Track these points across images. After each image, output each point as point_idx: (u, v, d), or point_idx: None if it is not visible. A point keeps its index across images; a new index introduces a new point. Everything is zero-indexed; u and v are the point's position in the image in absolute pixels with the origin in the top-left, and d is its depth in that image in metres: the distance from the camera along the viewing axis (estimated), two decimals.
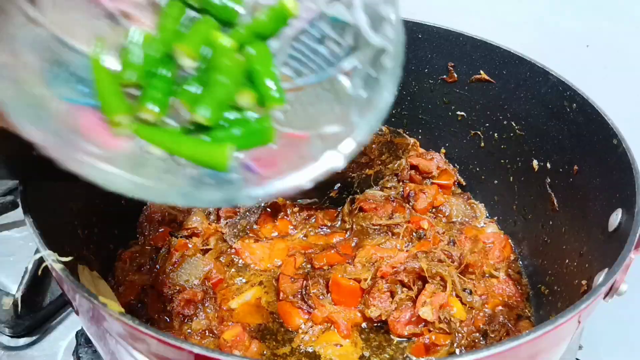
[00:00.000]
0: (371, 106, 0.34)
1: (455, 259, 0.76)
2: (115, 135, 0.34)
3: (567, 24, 0.93)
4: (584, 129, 0.69)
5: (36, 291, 0.79)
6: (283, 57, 0.40)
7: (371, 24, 0.35)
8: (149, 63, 0.35)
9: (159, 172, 0.33)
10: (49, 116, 0.31)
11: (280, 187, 0.31)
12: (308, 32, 0.39)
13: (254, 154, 0.36)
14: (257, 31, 0.37)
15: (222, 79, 0.34)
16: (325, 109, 0.38)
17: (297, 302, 0.73)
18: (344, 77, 0.37)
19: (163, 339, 0.40)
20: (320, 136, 0.36)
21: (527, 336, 0.42)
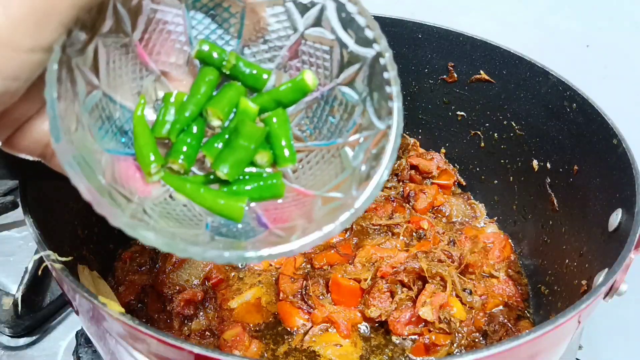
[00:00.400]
0: (369, 182, 0.38)
1: (455, 259, 0.76)
2: (147, 181, 0.39)
3: (567, 24, 0.93)
4: (584, 129, 0.69)
5: (36, 291, 0.79)
6: (297, 120, 0.45)
7: (376, 110, 0.40)
8: (181, 121, 0.40)
9: (180, 223, 0.38)
10: (98, 169, 0.35)
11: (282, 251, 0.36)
12: (322, 102, 0.44)
13: (264, 205, 0.41)
14: (278, 99, 0.42)
15: (244, 143, 0.40)
16: (330, 173, 0.42)
17: (297, 302, 0.73)
18: (349, 148, 0.42)
19: (163, 339, 0.40)
20: (323, 198, 0.41)
21: (527, 336, 0.42)
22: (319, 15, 0.41)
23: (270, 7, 0.42)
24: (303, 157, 0.44)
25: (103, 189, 0.34)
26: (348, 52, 0.41)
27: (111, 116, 0.39)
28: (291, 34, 0.43)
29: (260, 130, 0.41)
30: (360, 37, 0.40)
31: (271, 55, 0.44)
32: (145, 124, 0.40)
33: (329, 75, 0.43)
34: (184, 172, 0.40)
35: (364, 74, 0.41)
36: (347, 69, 0.42)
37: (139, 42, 0.40)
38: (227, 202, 0.39)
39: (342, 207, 0.38)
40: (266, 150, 0.42)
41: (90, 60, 0.36)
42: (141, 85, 0.42)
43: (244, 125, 0.40)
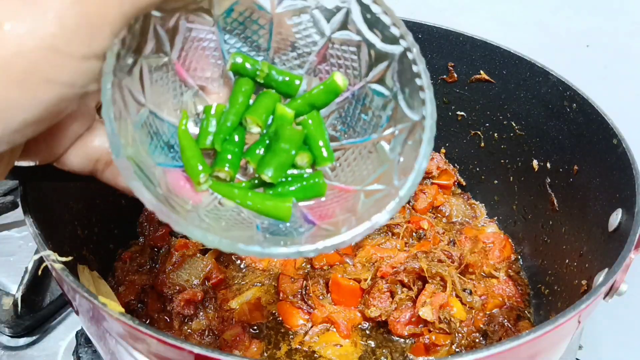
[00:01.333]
0: (409, 171, 0.39)
1: (455, 259, 0.76)
2: (197, 191, 0.41)
3: (567, 24, 0.93)
4: (584, 129, 0.69)
5: (36, 291, 0.79)
6: (332, 120, 0.47)
7: (408, 103, 0.41)
8: (223, 131, 0.42)
9: (234, 226, 0.40)
10: (155, 182, 0.37)
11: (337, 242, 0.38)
12: (353, 101, 0.45)
13: (309, 204, 0.43)
14: (311, 102, 0.44)
15: (285, 146, 0.42)
16: (368, 167, 0.44)
17: (297, 302, 0.73)
18: (384, 142, 0.43)
19: (163, 339, 0.40)
20: (365, 192, 0.42)
21: (527, 336, 0.42)
22: (345, 19, 0.42)
23: (297, 15, 0.43)
24: (340, 155, 0.46)
25: (163, 199, 0.36)
26: (375, 51, 0.42)
27: (158, 132, 0.41)
28: (318, 39, 0.44)
29: (299, 133, 0.43)
30: (386, 36, 0.41)
31: (300, 62, 0.46)
32: (189, 136, 0.42)
33: (358, 74, 0.44)
34: (229, 179, 0.42)
35: (393, 70, 0.42)
36: (375, 67, 0.43)
37: (177, 61, 0.42)
38: (274, 203, 0.41)
39: (385, 197, 0.40)
40: (305, 152, 0.43)
41: (137, 80, 0.38)
42: (182, 101, 0.44)
43: (283, 129, 0.42)
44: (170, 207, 0.36)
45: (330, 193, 0.44)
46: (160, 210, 0.35)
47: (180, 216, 0.36)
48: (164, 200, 0.36)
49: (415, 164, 0.39)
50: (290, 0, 0.43)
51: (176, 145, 0.42)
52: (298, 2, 0.43)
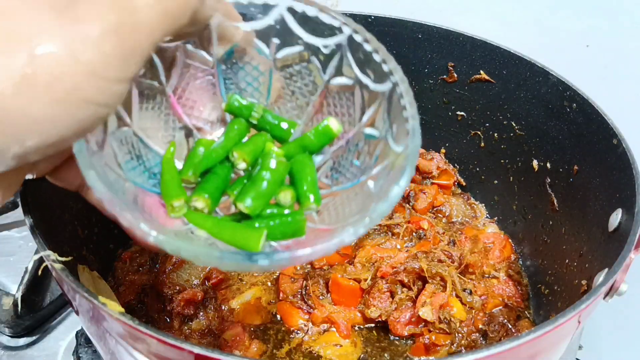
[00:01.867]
0: (386, 197, 0.38)
1: (455, 259, 0.76)
2: (170, 217, 0.40)
3: (567, 24, 0.93)
4: (584, 129, 0.69)
5: (36, 291, 0.79)
6: (325, 169, 0.46)
7: (395, 137, 0.41)
8: (207, 162, 0.42)
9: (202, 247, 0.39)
10: (121, 190, 0.37)
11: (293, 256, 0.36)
12: (347, 148, 0.45)
13: (285, 243, 0.41)
14: (304, 146, 0.44)
15: (267, 176, 0.41)
16: (352, 207, 0.43)
17: (297, 302, 0.73)
18: (371, 181, 0.43)
19: (163, 339, 0.40)
20: (343, 226, 0.41)
21: (527, 336, 0.42)
22: (340, 63, 0.43)
23: (297, 63, 0.44)
24: (329, 201, 0.45)
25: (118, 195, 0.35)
26: (368, 92, 0.43)
27: (141, 156, 0.42)
28: (316, 88, 0.45)
29: (283, 164, 0.42)
30: (377, 74, 0.42)
31: (298, 112, 0.47)
32: (173, 165, 0.42)
33: (352, 120, 0.45)
34: (207, 211, 0.41)
35: (383, 109, 0.42)
36: (368, 110, 0.43)
37: (172, 94, 0.43)
38: (245, 232, 0.39)
39: (357, 221, 0.39)
40: (289, 189, 0.42)
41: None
42: (173, 136, 0.44)
43: (267, 159, 0.42)
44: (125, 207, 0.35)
45: (310, 233, 0.42)
46: (109, 201, 0.33)
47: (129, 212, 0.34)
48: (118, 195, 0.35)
49: (392, 191, 0.38)
50: (288, 48, 0.43)
51: (159, 174, 0.42)
52: (296, 47, 0.43)
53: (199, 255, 0.34)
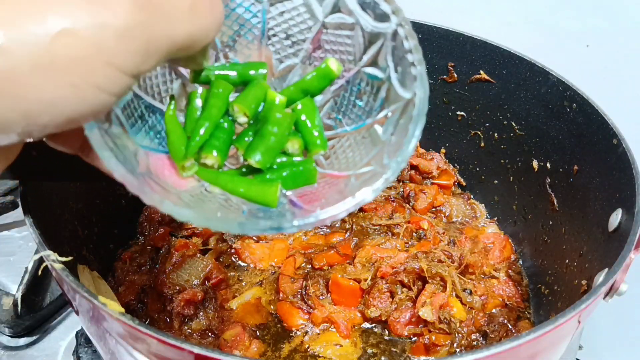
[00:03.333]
0: (399, 148, 0.39)
1: (455, 259, 0.76)
2: (182, 177, 0.40)
3: (567, 24, 0.93)
4: (584, 129, 0.69)
5: (36, 291, 0.79)
6: (327, 109, 0.46)
7: (401, 81, 0.41)
8: (210, 118, 0.41)
9: (218, 207, 0.39)
10: (130, 157, 0.36)
11: (320, 218, 0.37)
12: (348, 88, 0.45)
13: (299, 192, 0.42)
14: (305, 89, 0.43)
15: (274, 130, 0.40)
16: (361, 152, 0.43)
17: (297, 302, 0.73)
18: (378, 125, 0.43)
19: (163, 339, 0.40)
20: (356, 175, 0.41)
21: (527, 336, 0.42)
22: (336, 1, 0.42)
23: (290, 0, 0.43)
24: (335, 143, 0.45)
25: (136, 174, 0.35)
26: (368, 32, 0.42)
27: (143, 116, 0.41)
28: (312, 25, 0.44)
29: (288, 115, 0.42)
30: (378, 14, 0.41)
31: (295, 50, 0.46)
32: (176, 121, 0.41)
33: (352, 59, 0.44)
34: (217, 166, 0.41)
35: (386, 50, 0.41)
36: (369, 49, 0.42)
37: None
38: (260, 188, 0.40)
39: (373, 176, 0.39)
40: (296, 138, 0.42)
41: None
42: (171, 88, 0.44)
43: (272, 112, 0.41)
44: (144, 181, 0.35)
45: (321, 180, 0.43)
46: (130, 182, 0.34)
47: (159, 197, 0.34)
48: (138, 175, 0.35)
49: (404, 141, 0.38)
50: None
51: (164, 132, 0.42)
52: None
53: (219, 227, 0.35)
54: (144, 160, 0.38)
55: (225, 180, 0.40)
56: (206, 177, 0.40)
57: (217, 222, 0.35)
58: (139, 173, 0.36)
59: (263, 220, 0.36)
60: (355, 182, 0.41)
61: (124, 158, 0.35)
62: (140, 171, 0.36)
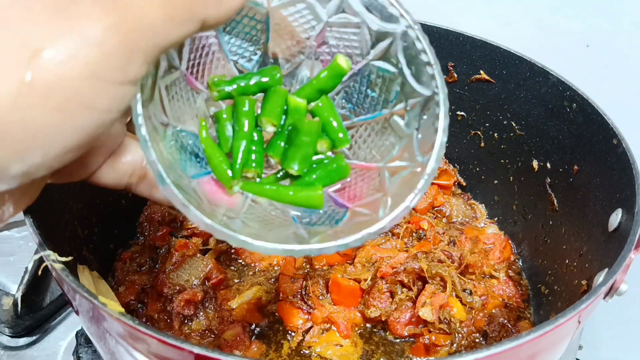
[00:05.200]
0: (431, 146, 0.40)
1: (455, 259, 0.76)
2: (230, 194, 0.42)
3: (567, 24, 0.93)
4: (584, 129, 0.69)
5: (36, 291, 0.79)
6: (339, 100, 0.47)
7: (416, 77, 0.42)
8: (244, 136, 0.43)
9: (273, 224, 0.41)
10: (198, 198, 0.38)
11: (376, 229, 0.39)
12: (358, 79, 0.46)
13: (336, 187, 0.45)
14: (319, 88, 0.45)
15: (306, 139, 0.43)
16: (385, 143, 0.44)
17: (297, 302, 0.73)
18: (398, 117, 0.44)
19: (163, 339, 0.40)
20: (388, 169, 0.43)
21: (527, 336, 0.42)
22: (341, 3, 0.43)
23: (292, 5, 0.44)
24: (353, 132, 0.46)
25: (211, 215, 0.36)
26: (375, 31, 0.42)
27: (183, 145, 0.42)
28: (315, 25, 0.44)
29: (317, 124, 0.44)
30: (385, 15, 0.41)
31: (300, 48, 0.46)
32: (213, 143, 0.43)
33: (359, 53, 0.45)
34: (257, 177, 0.43)
35: (396, 47, 0.42)
36: (377, 46, 0.43)
37: (186, 71, 0.43)
38: (305, 193, 0.43)
39: (412, 175, 0.41)
40: (324, 138, 0.45)
41: (158, 103, 0.39)
42: (197, 108, 0.44)
43: (301, 122, 0.43)
44: (218, 221, 0.36)
45: (352, 172, 0.45)
46: (213, 229, 0.35)
47: (230, 229, 0.36)
48: (213, 216, 0.37)
49: (435, 138, 0.40)
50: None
51: (200, 152, 0.43)
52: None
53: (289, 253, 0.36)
54: (201, 193, 0.39)
55: (271, 191, 0.43)
56: (252, 190, 0.43)
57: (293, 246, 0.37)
58: (208, 209, 0.37)
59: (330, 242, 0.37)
60: (392, 179, 0.42)
61: (196, 203, 0.36)
62: (207, 207, 0.37)
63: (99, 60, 0.28)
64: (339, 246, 0.37)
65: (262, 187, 0.43)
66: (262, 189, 0.43)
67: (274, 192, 0.42)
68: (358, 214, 0.42)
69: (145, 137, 0.34)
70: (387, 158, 0.44)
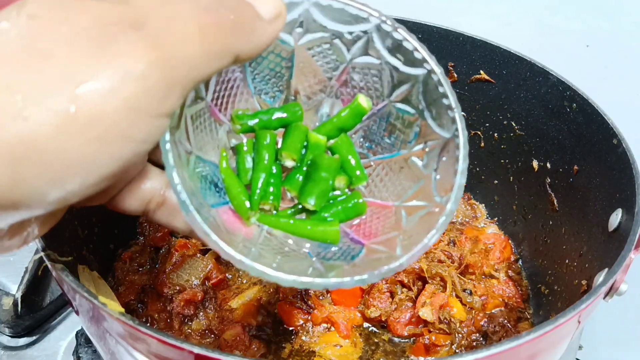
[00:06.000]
0: (449, 187, 0.41)
1: (455, 259, 0.76)
2: (247, 225, 0.42)
3: (567, 24, 0.93)
4: (584, 129, 0.69)
5: (36, 291, 0.79)
6: (356, 138, 0.48)
7: (436, 120, 0.43)
8: (264, 169, 0.44)
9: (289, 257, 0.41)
10: (214, 221, 0.38)
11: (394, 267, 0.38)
12: (377, 119, 0.46)
13: (351, 224, 0.45)
14: (339, 126, 0.46)
15: (325, 175, 0.43)
16: (402, 183, 0.45)
17: (297, 302, 0.73)
18: (416, 158, 0.44)
19: (163, 339, 0.40)
20: (405, 208, 0.44)
21: (527, 336, 0.43)
22: (366, 45, 0.43)
23: (318, 45, 0.44)
24: (370, 171, 0.47)
25: (230, 244, 0.37)
26: (398, 73, 0.43)
27: (204, 174, 0.42)
28: (339, 65, 0.45)
29: (336, 161, 0.45)
30: (408, 59, 0.42)
31: (322, 86, 0.47)
32: (232, 174, 0.43)
33: (380, 94, 0.45)
34: (274, 209, 0.44)
35: (417, 90, 0.43)
36: (399, 88, 0.44)
37: (212, 103, 0.43)
38: (322, 228, 0.43)
39: (430, 214, 0.41)
40: (342, 175, 0.45)
41: (184, 132, 0.39)
42: (218, 139, 0.45)
43: (321, 158, 0.44)
44: (239, 250, 0.37)
45: (369, 210, 0.45)
46: (234, 258, 0.36)
47: (249, 259, 0.36)
48: (234, 244, 0.37)
49: (454, 180, 0.40)
50: (311, 34, 0.43)
51: (219, 183, 0.43)
52: (319, 34, 0.43)
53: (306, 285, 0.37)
54: (220, 222, 0.40)
55: (287, 224, 0.43)
56: (269, 222, 0.43)
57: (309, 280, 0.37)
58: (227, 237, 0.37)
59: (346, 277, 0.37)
60: (409, 218, 0.43)
61: (214, 228, 0.36)
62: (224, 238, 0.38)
63: (139, 94, 0.29)
64: (357, 281, 0.37)
65: (279, 220, 0.43)
66: (278, 221, 0.43)
67: (290, 225, 0.43)
68: (374, 251, 0.42)
69: (171, 164, 0.35)
70: (404, 197, 0.44)
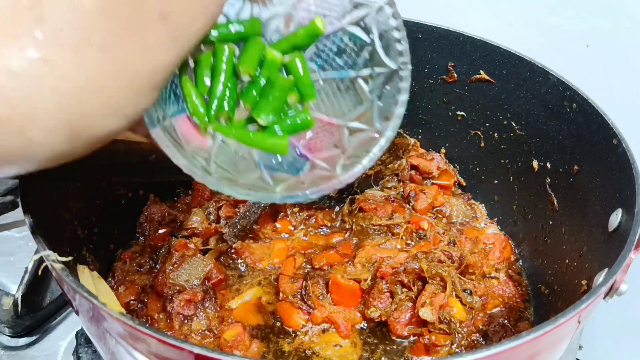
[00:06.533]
0: (389, 115, 0.45)
1: (455, 259, 0.75)
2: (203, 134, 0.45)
3: (567, 24, 0.93)
4: (584, 129, 0.69)
5: (36, 291, 0.79)
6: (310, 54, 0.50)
7: (385, 50, 0.46)
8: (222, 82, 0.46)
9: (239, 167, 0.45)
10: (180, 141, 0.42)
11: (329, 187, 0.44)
12: (330, 39, 0.49)
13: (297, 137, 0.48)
14: (295, 44, 0.48)
15: (279, 94, 0.47)
16: (347, 103, 0.49)
17: (297, 302, 0.73)
18: (362, 81, 0.48)
19: (163, 339, 0.40)
20: (348, 128, 0.47)
21: (527, 336, 0.43)
22: None
23: None
24: (319, 87, 0.50)
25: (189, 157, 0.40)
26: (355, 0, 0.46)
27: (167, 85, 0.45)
28: None
29: (290, 82, 0.48)
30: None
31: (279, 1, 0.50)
32: (191, 84, 0.45)
33: (336, 16, 0.48)
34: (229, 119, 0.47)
35: (371, 19, 0.46)
36: (353, 12, 0.47)
37: None
38: (272, 139, 0.47)
39: (370, 139, 0.45)
40: (294, 92, 0.48)
41: None
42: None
43: (277, 78, 0.47)
44: (198, 166, 0.40)
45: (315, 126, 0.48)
46: (194, 173, 0.39)
47: (208, 174, 0.40)
48: (193, 160, 0.40)
49: (394, 110, 0.45)
50: None
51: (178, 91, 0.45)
52: None
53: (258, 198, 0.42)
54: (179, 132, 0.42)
55: (241, 133, 0.46)
56: (224, 131, 0.46)
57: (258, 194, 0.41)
58: (189, 153, 0.41)
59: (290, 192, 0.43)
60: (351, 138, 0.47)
61: (179, 146, 0.40)
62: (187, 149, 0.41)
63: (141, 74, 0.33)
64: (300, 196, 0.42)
65: (234, 130, 0.46)
66: (233, 131, 0.46)
67: (245, 135, 0.46)
68: (317, 166, 0.46)
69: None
70: (349, 117, 0.48)
